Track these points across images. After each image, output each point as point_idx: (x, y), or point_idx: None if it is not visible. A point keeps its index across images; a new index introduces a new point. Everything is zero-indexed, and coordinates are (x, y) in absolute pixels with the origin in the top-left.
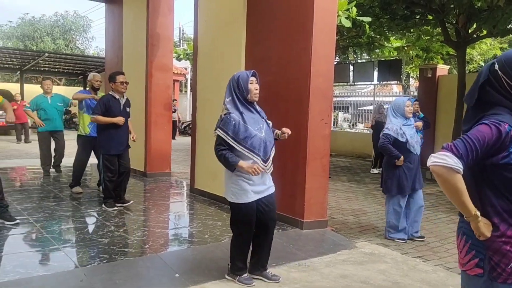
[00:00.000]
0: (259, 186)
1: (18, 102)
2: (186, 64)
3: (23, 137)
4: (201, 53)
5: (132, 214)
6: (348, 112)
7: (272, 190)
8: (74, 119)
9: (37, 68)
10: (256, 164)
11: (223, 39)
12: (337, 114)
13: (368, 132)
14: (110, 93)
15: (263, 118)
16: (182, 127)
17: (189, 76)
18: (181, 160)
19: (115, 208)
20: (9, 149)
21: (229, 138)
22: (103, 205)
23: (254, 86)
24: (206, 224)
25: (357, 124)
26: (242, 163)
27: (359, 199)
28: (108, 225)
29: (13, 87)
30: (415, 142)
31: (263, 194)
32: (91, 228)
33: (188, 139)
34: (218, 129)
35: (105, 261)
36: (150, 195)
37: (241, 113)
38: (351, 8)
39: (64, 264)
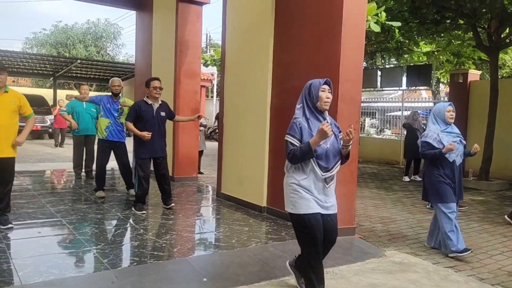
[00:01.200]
0: (320, 198)
1: (61, 108)
2: (213, 70)
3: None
4: (229, 59)
5: (160, 218)
6: (375, 118)
7: (335, 210)
8: None
9: (69, 74)
10: (325, 124)
11: (251, 44)
12: (364, 120)
13: (396, 138)
14: (144, 98)
15: (331, 130)
16: (208, 132)
17: (215, 82)
18: (207, 165)
19: (144, 212)
20: (43, 153)
21: (296, 140)
22: (132, 208)
23: (325, 94)
24: (233, 229)
25: (385, 130)
26: (313, 138)
27: (388, 206)
28: (137, 228)
29: (46, 93)
30: (454, 152)
31: (327, 210)
32: (121, 230)
33: (214, 144)
34: (286, 135)
35: (135, 263)
36: (178, 199)
37: (307, 119)
38: (380, 13)
39: (95, 266)
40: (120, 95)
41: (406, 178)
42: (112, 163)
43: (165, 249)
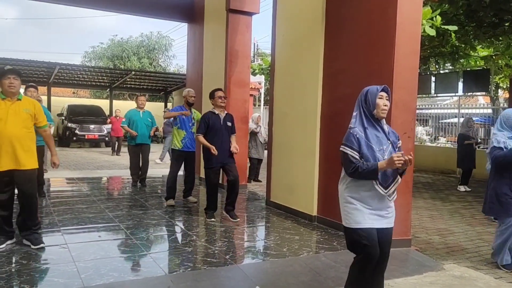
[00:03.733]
0: (378, 211)
1: (118, 118)
2: (260, 78)
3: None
4: (278, 67)
5: (212, 225)
6: (428, 125)
7: (392, 223)
8: (156, 133)
9: (124, 85)
10: (397, 155)
11: (301, 52)
12: (416, 127)
13: (451, 146)
14: (210, 110)
15: (389, 140)
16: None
17: (262, 91)
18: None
19: (213, 219)
20: (100, 160)
21: (355, 152)
22: (205, 216)
23: (383, 102)
24: (284, 237)
25: (439, 137)
26: (381, 163)
27: (445, 217)
28: (190, 234)
29: (103, 103)
30: None
31: (384, 223)
32: (175, 236)
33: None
34: (342, 145)
35: (189, 269)
36: None
37: (364, 128)
38: (435, 16)
39: (152, 270)
40: (191, 107)
41: (462, 188)
42: (163, 171)
43: (218, 256)
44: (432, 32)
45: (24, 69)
